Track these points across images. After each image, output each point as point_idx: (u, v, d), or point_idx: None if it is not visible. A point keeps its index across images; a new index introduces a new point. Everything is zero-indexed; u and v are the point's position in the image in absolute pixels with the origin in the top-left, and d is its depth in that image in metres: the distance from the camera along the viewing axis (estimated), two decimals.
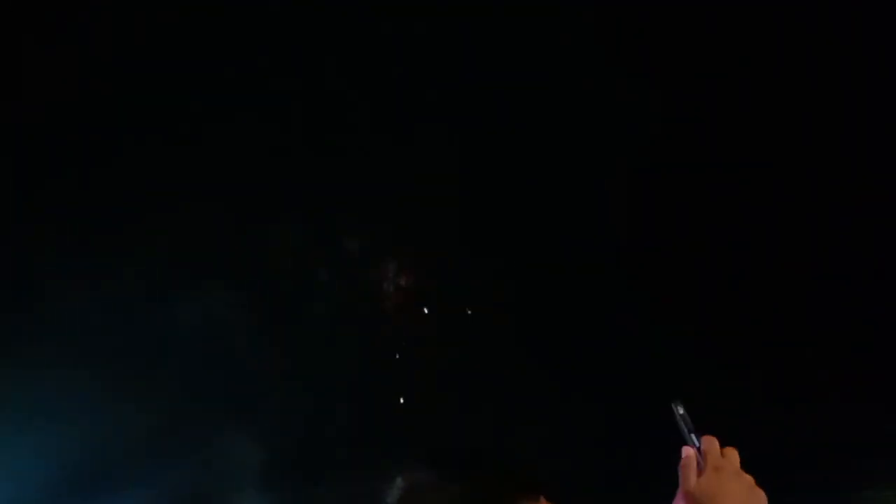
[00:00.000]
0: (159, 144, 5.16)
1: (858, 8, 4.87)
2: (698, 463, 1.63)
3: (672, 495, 1.64)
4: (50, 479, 5.44)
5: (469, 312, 5.88)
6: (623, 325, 5.71)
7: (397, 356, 5.90)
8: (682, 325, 5.73)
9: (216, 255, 5.50)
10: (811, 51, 5.00)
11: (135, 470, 5.62)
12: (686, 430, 1.67)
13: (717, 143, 5.39)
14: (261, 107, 5.15)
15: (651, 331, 5.68)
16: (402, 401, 5.83)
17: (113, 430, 5.44)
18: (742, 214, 5.66)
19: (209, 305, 5.42)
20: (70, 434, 5.40)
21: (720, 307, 5.77)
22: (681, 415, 1.68)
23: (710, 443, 1.65)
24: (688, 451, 1.65)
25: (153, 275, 5.40)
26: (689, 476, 1.62)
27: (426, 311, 5.88)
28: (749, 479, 1.62)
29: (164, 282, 5.43)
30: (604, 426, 5.78)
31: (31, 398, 5.38)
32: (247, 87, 5.06)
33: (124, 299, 5.38)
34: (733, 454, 1.64)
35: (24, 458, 5.45)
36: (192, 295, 5.39)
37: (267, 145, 5.27)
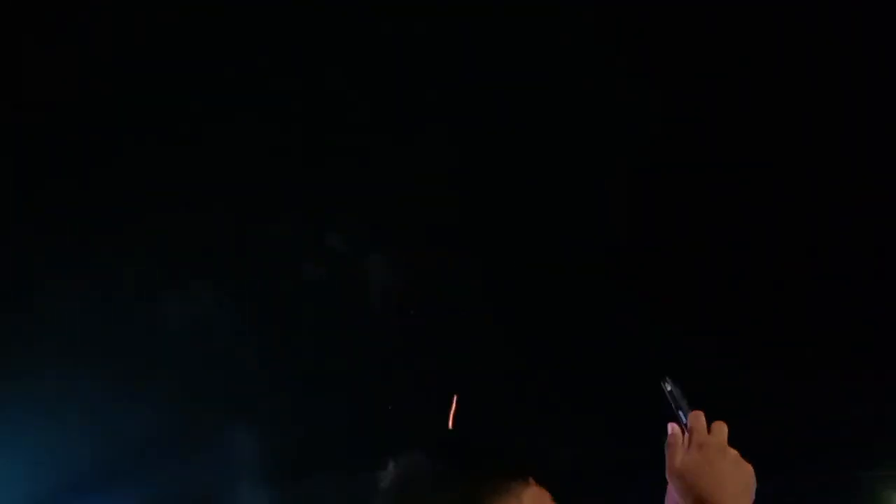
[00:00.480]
0: (159, 144, 5.16)
1: (858, 8, 4.86)
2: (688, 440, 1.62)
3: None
4: (48, 478, 5.44)
5: (468, 311, 5.88)
6: (623, 325, 5.71)
7: (396, 355, 5.90)
8: (683, 324, 5.73)
9: (217, 254, 5.50)
10: (811, 51, 5.00)
11: (133, 470, 5.62)
12: (674, 408, 1.67)
13: (717, 143, 5.39)
14: (261, 107, 5.14)
15: (651, 331, 5.68)
16: (399, 399, 5.83)
17: (111, 430, 5.44)
18: (742, 214, 5.66)
19: (210, 305, 5.43)
20: (69, 434, 5.40)
21: (720, 307, 5.78)
22: (668, 392, 1.68)
23: (696, 419, 1.64)
24: (673, 429, 1.64)
25: (153, 274, 5.40)
26: (675, 454, 1.62)
27: (425, 310, 5.88)
28: (734, 453, 1.61)
29: (165, 281, 5.43)
30: (603, 424, 5.79)
31: (31, 398, 5.38)
32: (247, 87, 5.06)
33: (124, 299, 5.38)
34: (721, 429, 1.63)
35: (22, 458, 5.45)
36: (193, 295, 5.39)
37: (267, 145, 5.27)
